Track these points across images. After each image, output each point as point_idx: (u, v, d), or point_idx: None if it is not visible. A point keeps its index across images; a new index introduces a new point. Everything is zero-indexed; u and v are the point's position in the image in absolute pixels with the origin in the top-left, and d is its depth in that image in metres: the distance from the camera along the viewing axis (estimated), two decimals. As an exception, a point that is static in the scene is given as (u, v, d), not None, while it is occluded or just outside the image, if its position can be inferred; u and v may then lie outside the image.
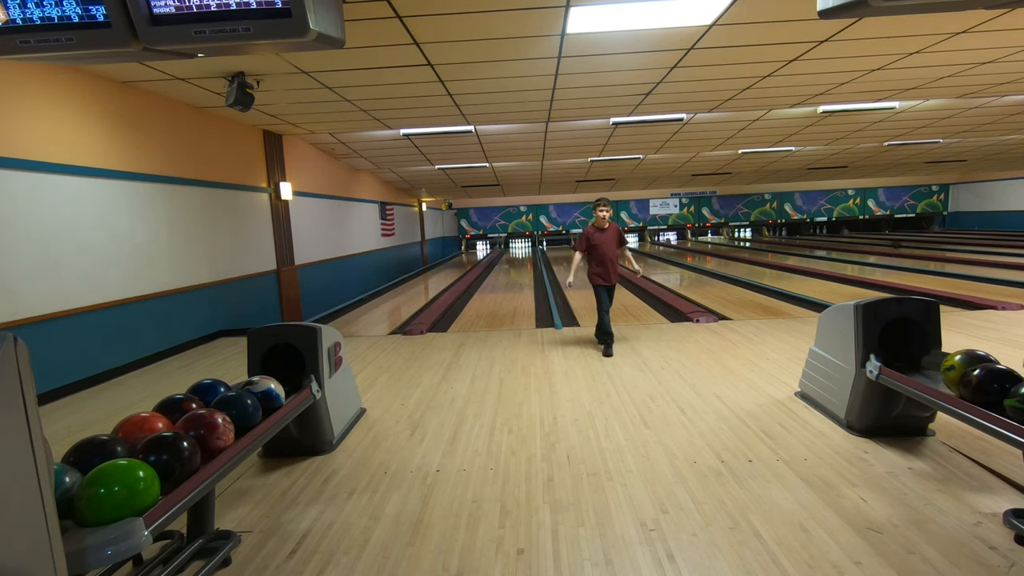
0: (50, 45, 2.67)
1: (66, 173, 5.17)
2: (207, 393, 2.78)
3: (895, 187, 25.22)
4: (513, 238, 26.75)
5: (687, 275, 13.24)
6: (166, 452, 2.09)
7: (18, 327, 4.58)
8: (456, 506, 2.78)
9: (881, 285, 9.41)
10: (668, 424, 3.71)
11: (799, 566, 2.19)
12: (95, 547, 1.70)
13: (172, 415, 2.49)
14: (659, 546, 2.36)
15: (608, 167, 14.87)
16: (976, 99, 8.56)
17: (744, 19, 4.66)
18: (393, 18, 4.30)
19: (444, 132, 9.18)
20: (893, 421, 3.31)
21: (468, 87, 6.42)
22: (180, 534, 2.37)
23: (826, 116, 9.29)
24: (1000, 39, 5.49)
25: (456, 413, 4.13)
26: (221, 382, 2.90)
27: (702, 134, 10.59)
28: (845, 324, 3.51)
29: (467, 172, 14.73)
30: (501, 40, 4.95)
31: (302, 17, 2.56)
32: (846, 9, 2.40)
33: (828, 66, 6.18)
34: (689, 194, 25.78)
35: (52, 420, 4.30)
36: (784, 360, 5.09)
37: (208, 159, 7.35)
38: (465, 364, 5.50)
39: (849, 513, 2.55)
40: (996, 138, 12.78)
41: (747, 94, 7.30)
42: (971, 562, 2.17)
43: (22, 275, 4.72)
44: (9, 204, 4.63)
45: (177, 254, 6.68)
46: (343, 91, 6.40)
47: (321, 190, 10.86)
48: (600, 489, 2.87)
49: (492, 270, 16.61)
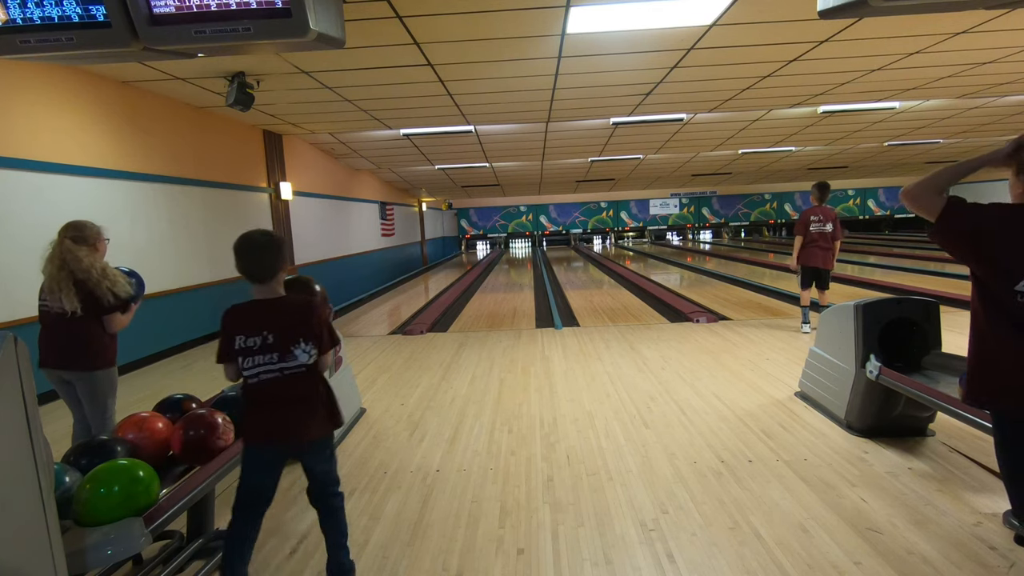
0: (50, 45, 2.68)
1: (66, 173, 5.17)
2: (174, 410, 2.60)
3: (895, 187, 25.21)
4: (513, 238, 26.76)
5: (687, 275, 13.25)
6: (203, 427, 2.25)
7: (18, 327, 4.58)
8: (456, 506, 2.78)
9: (881, 285, 9.41)
10: (668, 424, 3.71)
11: (799, 566, 2.19)
12: (95, 547, 1.70)
13: (172, 415, 2.49)
14: (659, 546, 2.36)
15: (608, 167, 14.87)
16: (976, 99, 8.56)
17: (744, 19, 4.66)
18: (393, 18, 4.30)
19: (444, 132, 9.18)
20: (893, 421, 3.31)
21: (468, 87, 6.42)
22: (180, 534, 2.37)
23: (826, 116, 9.29)
24: (1000, 39, 5.49)
25: (456, 413, 4.13)
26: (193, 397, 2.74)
27: (702, 134, 10.59)
28: (845, 324, 3.51)
29: (467, 172, 14.73)
30: (501, 40, 4.95)
31: (302, 17, 2.56)
32: (846, 9, 2.41)
33: (828, 66, 6.18)
34: (689, 194, 25.78)
35: (52, 420, 4.29)
36: (784, 360, 5.09)
37: (208, 159, 7.34)
38: (465, 364, 5.50)
39: (849, 513, 2.55)
40: (996, 138, 12.78)
41: (747, 94, 7.30)
42: (971, 562, 2.17)
43: (22, 275, 4.71)
44: (9, 204, 4.63)
45: (177, 254, 6.68)
46: (343, 91, 6.40)
47: (321, 190, 10.86)
48: (600, 489, 2.87)
49: (492, 270, 16.61)
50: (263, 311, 2.03)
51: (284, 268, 2.08)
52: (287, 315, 2.03)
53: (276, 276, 2.05)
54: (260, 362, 1.98)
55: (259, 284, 2.04)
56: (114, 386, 3.07)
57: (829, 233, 5.99)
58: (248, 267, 2.02)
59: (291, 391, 2.01)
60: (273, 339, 1.98)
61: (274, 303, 2.05)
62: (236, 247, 2.01)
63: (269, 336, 1.98)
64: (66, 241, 2.84)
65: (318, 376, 2.09)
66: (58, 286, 2.80)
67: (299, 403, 2.04)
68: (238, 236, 2.03)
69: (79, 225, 2.92)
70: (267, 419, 2.02)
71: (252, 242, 2.02)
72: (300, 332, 2.01)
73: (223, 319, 2.06)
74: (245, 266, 2.02)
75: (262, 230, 2.08)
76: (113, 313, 2.93)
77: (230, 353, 2.02)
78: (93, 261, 2.86)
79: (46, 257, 2.87)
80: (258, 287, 2.04)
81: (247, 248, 2.02)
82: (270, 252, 2.04)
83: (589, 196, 25.59)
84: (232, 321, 2.04)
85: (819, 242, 6.01)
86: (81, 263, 2.80)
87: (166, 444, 2.31)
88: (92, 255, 2.88)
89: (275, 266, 2.04)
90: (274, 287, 2.05)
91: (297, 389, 2.02)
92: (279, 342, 1.98)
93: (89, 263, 2.83)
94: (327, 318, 2.13)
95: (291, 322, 2.02)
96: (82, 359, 2.90)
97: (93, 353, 2.92)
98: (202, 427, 2.29)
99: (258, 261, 2.02)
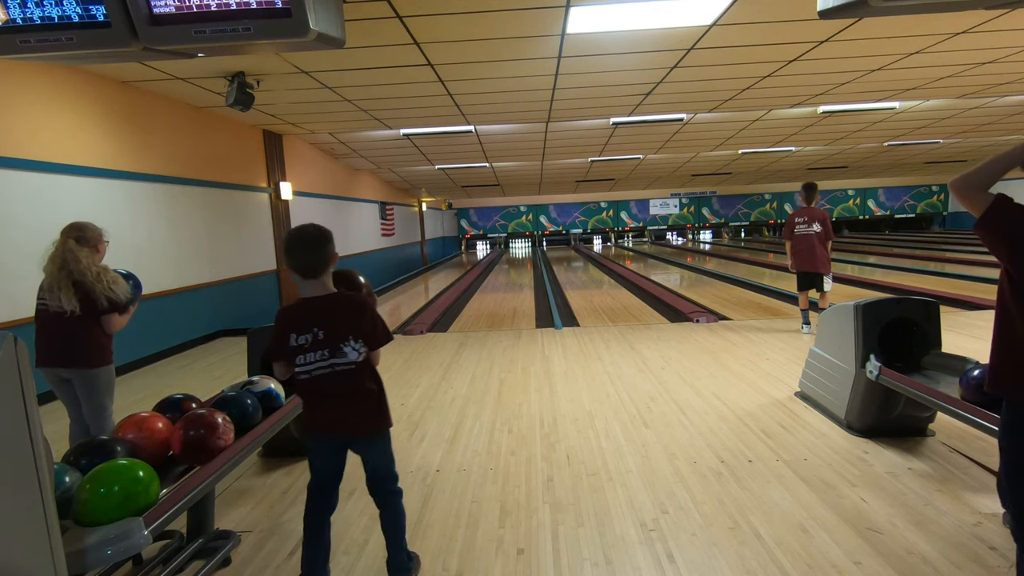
0: (50, 45, 2.68)
1: (66, 173, 5.17)
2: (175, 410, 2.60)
3: (895, 187, 25.22)
4: (513, 238, 26.75)
5: (687, 275, 13.25)
6: (203, 427, 2.28)
7: (18, 327, 4.58)
8: (456, 506, 2.78)
9: (881, 285, 9.41)
10: (668, 424, 3.71)
11: (799, 566, 2.19)
12: (95, 547, 1.70)
13: (172, 415, 2.49)
14: (659, 546, 2.36)
15: (608, 167, 14.87)
16: (976, 99, 8.56)
17: (744, 19, 4.66)
18: (393, 18, 4.30)
19: (444, 132, 9.18)
20: (893, 421, 3.31)
21: (468, 87, 6.42)
22: (180, 534, 2.37)
23: (826, 116, 9.29)
24: (1000, 39, 5.49)
25: (456, 413, 4.13)
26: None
27: (702, 134, 10.59)
28: (845, 324, 3.51)
29: (467, 172, 14.73)
30: (501, 40, 4.95)
31: (302, 17, 2.56)
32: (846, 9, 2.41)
33: (828, 66, 6.18)
34: (689, 194, 25.78)
35: (52, 420, 4.29)
36: (784, 360, 5.09)
37: (208, 159, 7.34)
38: (465, 364, 5.50)
39: (849, 513, 2.55)
40: (996, 138, 12.78)
41: (747, 94, 7.30)
42: (971, 562, 2.17)
43: (22, 275, 4.70)
44: (9, 204, 4.63)
45: (177, 254, 6.68)
46: (343, 91, 6.40)
47: (321, 190, 10.86)
48: (600, 489, 2.87)
49: (492, 270, 16.61)
50: (313, 309, 2.06)
51: (333, 264, 2.10)
52: (337, 312, 2.06)
53: (326, 271, 2.07)
54: (312, 359, 2.02)
55: (309, 279, 2.06)
56: (111, 385, 3.10)
57: (816, 234, 5.95)
58: (299, 263, 2.04)
59: (342, 387, 2.05)
60: (324, 335, 2.02)
61: (324, 300, 2.07)
62: (287, 242, 2.04)
63: (320, 333, 2.02)
64: (69, 241, 2.91)
65: (368, 372, 2.12)
66: (58, 285, 2.86)
67: (350, 398, 2.08)
68: (289, 230, 2.05)
69: (82, 226, 2.98)
70: (320, 414, 2.10)
71: (304, 238, 2.04)
72: (350, 329, 2.04)
73: (277, 319, 2.10)
74: (296, 261, 2.04)
75: (314, 224, 2.09)
76: (111, 314, 2.98)
77: (282, 352, 2.05)
78: (91, 262, 2.92)
79: (48, 256, 2.93)
80: (308, 283, 2.06)
81: (299, 244, 2.04)
82: (322, 248, 2.05)
83: (589, 196, 25.58)
84: (285, 321, 2.07)
85: (803, 244, 5.99)
86: (80, 263, 2.86)
87: (166, 444, 2.31)
88: (92, 256, 2.94)
89: (325, 262, 2.06)
90: (324, 282, 2.07)
91: (348, 385, 2.06)
92: (329, 339, 2.02)
93: (88, 263, 2.89)
94: (378, 315, 2.15)
95: (341, 319, 2.05)
96: (80, 357, 2.95)
97: (91, 351, 2.97)
98: (202, 427, 2.29)
99: (310, 257, 2.04)
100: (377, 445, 2.18)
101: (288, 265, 2.07)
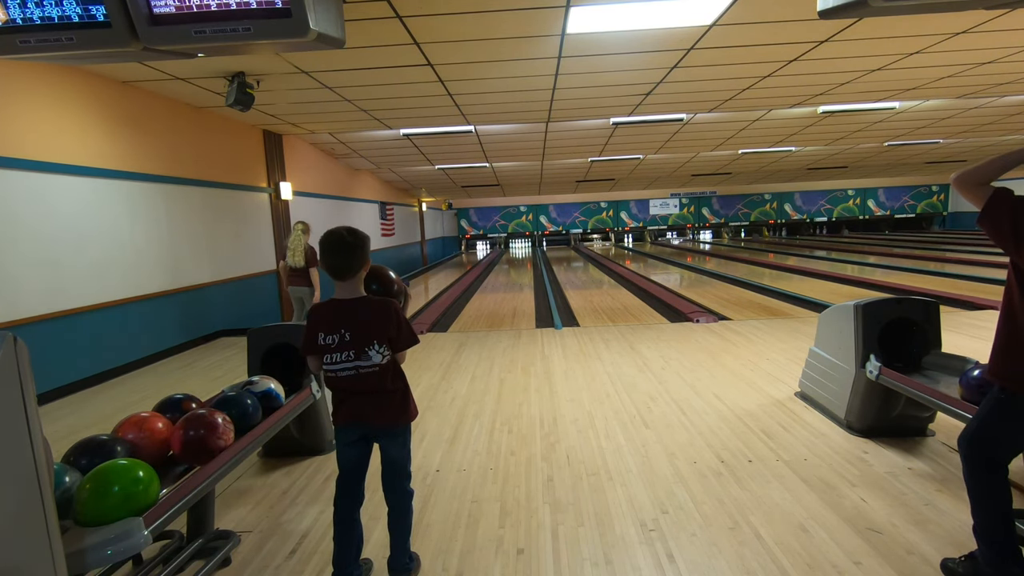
0: (50, 45, 2.67)
1: (66, 173, 5.17)
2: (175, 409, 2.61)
3: (895, 187, 25.22)
4: (513, 238, 26.75)
5: (687, 275, 13.25)
6: (203, 427, 2.29)
7: (18, 327, 4.58)
8: (456, 506, 2.79)
9: (881, 285, 9.41)
10: (668, 424, 3.71)
11: (799, 566, 2.19)
12: (95, 547, 1.70)
13: (172, 415, 2.49)
14: (659, 546, 2.36)
15: (608, 167, 14.87)
16: (976, 99, 8.56)
17: (744, 19, 4.66)
18: (393, 18, 4.30)
19: (444, 132, 9.18)
20: (893, 421, 3.31)
21: (468, 87, 6.42)
22: (180, 534, 2.37)
23: (826, 116, 9.29)
24: (1000, 39, 5.49)
25: (456, 413, 4.13)
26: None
27: (702, 134, 10.59)
28: (845, 324, 3.51)
29: (467, 172, 14.73)
30: (501, 40, 4.94)
31: (302, 17, 2.56)
32: (846, 9, 2.41)
33: (828, 66, 6.18)
34: (689, 194, 25.78)
35: (52, 420, 4.30)
36: (784, 360, 5.09)
37: (208, 159, 7.34)
38: (465, 364, 5.50)
39: (849, 513, 2.55)
40: (996, 138, 12.78)
41: (747, 94, 7.30)
42: (971, 562, 2.17)
43: (22, 275, 4.72)
44: (9, 204, 4.63)
45: (177, 254, 6.68)
46: (343, 91, 6.40)
47: (321, 190, 10.86)
48: (600, 489, 2.87)
49: (492, 270, 16.61)
50: (342, 311, 2.11)
51: (365, 269, 2.15)
52: (364, 316, 2.11)
53: (357, 274, 2.12)
54: (338, 359, 2.08)
55: (341, 281, 2.10)
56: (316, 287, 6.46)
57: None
58: (333, 265, 2.09)
59: (365, 386, 2.12)
60: (350, 337, 2.08)
61: (353, 303, 2.12)
62: (323, 244, 2.09)
63: (347, 335, 2.08)
64: (300, 225, 6.49)
65: (392, 372, 2.16)
66: (294, 251, 6.43)
67: (373, 395, 2.15)
68: (325, 232, 2.11)
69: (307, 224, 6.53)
70: (346, 406, 2.17)
71: (340, 241, 2.09)
72: (375, 334, 2.09)
73: (309, 316, 2.17)
74: (331, 264, 2.09)
75: (349, 228, 2.13)
76: (312, 268, 6.41)
77: (313, 347, 2.11)
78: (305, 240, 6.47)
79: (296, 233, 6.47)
80: (340, 284, 2.11)
81: (334, 247, 2.09)
82: (356, 252, 2.09)
83: (589, 196, 25.59)
84: (317, 319, 2.13)
85: None
86: (303, 241, 6.44)
87: (166, 444, 2.31)
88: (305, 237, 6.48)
89: (359, 265, 2.11)
90: (355, 285, 2.12)
91: (372, 385, 2.12)
92: (355, 341, 2.08)
93: (305, 240, 6.45)
94: (404, 319, 2.19)
95: (367, 323, 2.10)
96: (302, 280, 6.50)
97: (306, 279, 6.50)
98: (202, 427, 2.29)
99: (341, 263, 2.08)
100: (398, 439, 2.25)
101: (322, 266, 2.14)
